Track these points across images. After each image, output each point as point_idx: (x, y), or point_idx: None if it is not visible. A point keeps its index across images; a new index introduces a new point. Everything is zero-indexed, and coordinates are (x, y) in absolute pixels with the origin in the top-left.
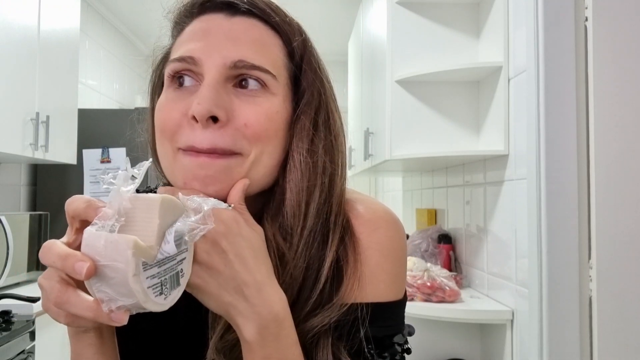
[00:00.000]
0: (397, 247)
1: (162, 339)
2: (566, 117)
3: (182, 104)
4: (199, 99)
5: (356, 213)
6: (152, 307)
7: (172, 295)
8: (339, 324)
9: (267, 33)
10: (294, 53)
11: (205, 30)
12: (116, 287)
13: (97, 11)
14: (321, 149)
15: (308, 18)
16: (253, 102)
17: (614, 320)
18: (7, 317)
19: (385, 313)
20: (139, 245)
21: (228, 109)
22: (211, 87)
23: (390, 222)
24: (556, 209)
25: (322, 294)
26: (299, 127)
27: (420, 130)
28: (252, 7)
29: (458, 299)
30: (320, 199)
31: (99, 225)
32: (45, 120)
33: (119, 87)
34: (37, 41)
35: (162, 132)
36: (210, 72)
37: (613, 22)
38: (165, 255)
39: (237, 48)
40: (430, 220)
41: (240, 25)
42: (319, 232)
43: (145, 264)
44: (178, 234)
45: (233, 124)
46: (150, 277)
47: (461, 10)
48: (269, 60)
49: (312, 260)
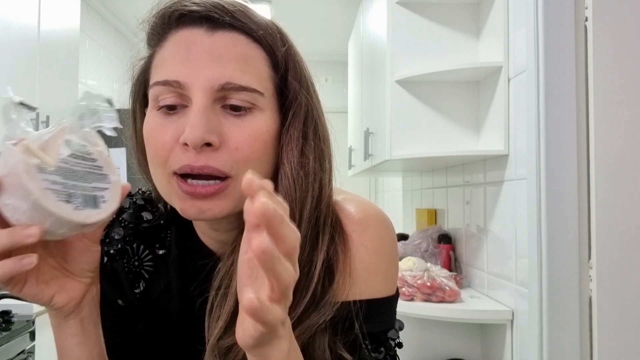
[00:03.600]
0: (388, 245)
1: (158, 341)
2: (566, 117)
3: (171, 128)
4: (191, 127)
5: (347, 213)
6: (64, 214)
7: (86, 211)
8: (335, 321)
9: (249, 47)
10: (277, 63)
11: (187, 49)
12: (15, 191)
13: (97, 11)
14: (312, 159)
15: (308, 18)
16: (242, 124)
17: (614, 320)
18: (7, 317)
19: (380, 309)
20: (29, 147)
21: (219, 133)
22: (201, 113)
23: (381, 220)
24: (556, 209)
25: (314, 293)
26: (288, 138)
27: (420, 130)
28: (234, 21)
29: (458, 299)
30: (312, 205)
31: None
32: (45, 120)
33: (118, 87)
34: (37, 41)
35: (155, 158)
36: (197, 96)
37: (613, 22)
38: (64, 166)
39: (222, 69)
40: (430, 220)
41: (222, 42)
42: (310, 237)
43: (43, 169)
44: (75, 146)
45: (225, 147)
46: (50, 182)
47: (461, 10)
48: (254, 77)
49: (304, 263)
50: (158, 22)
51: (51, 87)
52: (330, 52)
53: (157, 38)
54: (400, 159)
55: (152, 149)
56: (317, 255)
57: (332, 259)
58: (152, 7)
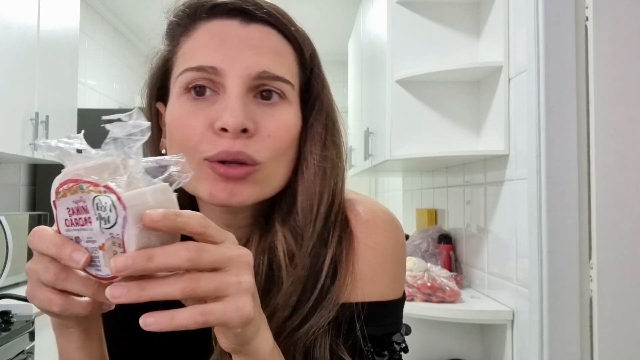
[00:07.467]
0: (396, 247)
1: (165, 343)
2: (567, 116)
3: (203, 114)
4: (231, 112)
5: (355, 213)
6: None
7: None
8: (338, 323)
9: (281, 42)
10: (305, 62)
11: (221, 38)
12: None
13: (97, 11)
14: (332, 155)
15: (308, 18)
16: (273, 113)
17: (615, 320)
18: (6, 317)
19: (385, 312)
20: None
21: (254, 121)
22: (239, 99)
23: (389, 222)
24: (557, 209)
25: (321, 291)
26: (311, 133)
27: (420, 130)
28: (268, 16)
29: (458, 299)
30: (328, 201)
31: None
32: (45, 120)
33: (118, 87)
34: (36, 41)
35: (184, 144)
36: (234, 83)
37: (613, 22)
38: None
39: (258, 58)
40: (431, 220)
41: (257, 34)
42: (322, 232)
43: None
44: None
45: (258, 134)
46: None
47: (461, 10)
48: (287, 69)
49: (315, 259)
50: (187, 11)
51: (51, 87)
52: (330, 52)
53: (183, 28)
54: (400, 159)
55: (181, 135)
56: (326, 252)
57: (337, 258)
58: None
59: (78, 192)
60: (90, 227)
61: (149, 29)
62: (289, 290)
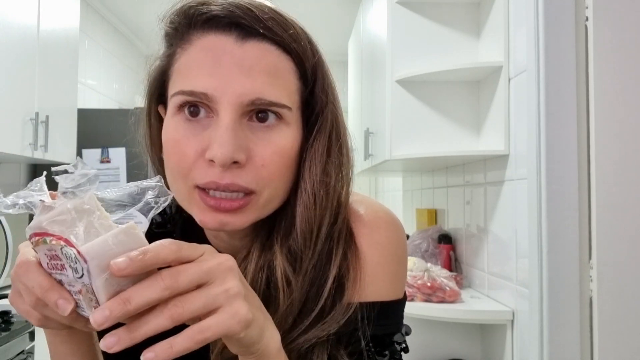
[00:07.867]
0: (397, 247)
1: None
2: (567, 116)
3: (196, 140)
4: (220, 144)
5: (357, 214)
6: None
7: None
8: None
9: (279, 58)
10: (306, 75)
11: (216, 59)
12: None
13: (97, 11)
14: (334, 177)
15: (308, 18)
16: (269, 138)
17: (615, 320)
18: (6, 318)
19: (386, 312)
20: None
21: (246, 149)
22: (230, 129)
23: (390, 222)
24: (557, 209)
25: (324, 307)
26: (312, 154)
27: (420, 130)
28: (267, 31)
29: (458, 299)
30: (329, 221)
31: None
32: (45, 120)
33: (118, 87)
34: (36, 41)
35: (176, 168)
36: (226, 111)
37: (613, 22)
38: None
39: (252, 82)
40: (431, 220)
41: (253, 53)
42: (324, 253)
43: None
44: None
45: (251, 163)
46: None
47: (461, 10)
48: (284, 91)
49: (316, 278)
50: (181, 21)
51: (51, 87)
52: (330, 52)
53: (179, 37)
54: (400, 159)
55: (173, 160)
56: (329, 270)
57: (343, 270)
58: (173, 3)
59: (47, 243)
60: (66, 273)
61: (149, 29)
62: (285, 312)
